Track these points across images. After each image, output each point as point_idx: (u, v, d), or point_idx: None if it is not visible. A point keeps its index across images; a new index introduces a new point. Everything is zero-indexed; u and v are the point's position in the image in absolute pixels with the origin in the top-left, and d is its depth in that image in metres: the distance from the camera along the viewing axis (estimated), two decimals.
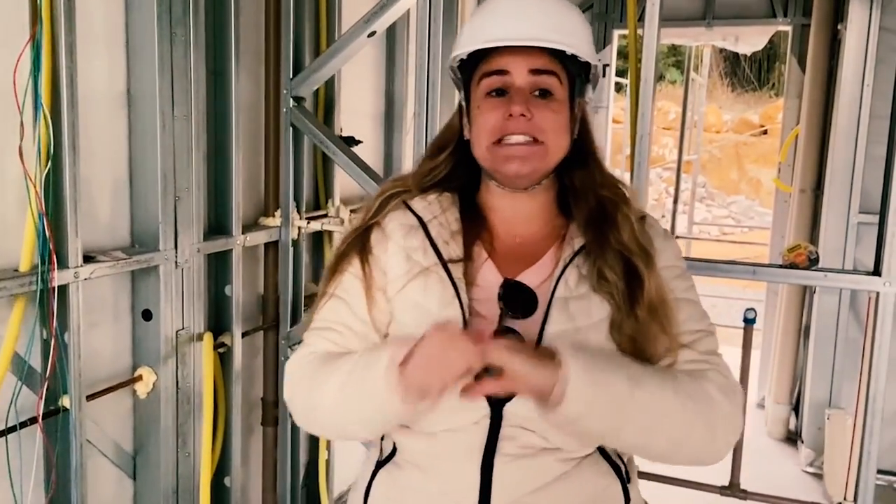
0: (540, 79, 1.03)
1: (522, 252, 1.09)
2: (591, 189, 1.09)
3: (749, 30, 4.85)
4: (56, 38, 1.66)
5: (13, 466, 1.65)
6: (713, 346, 1.07)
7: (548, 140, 1.03)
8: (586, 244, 1.06)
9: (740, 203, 14.49)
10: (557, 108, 1.04)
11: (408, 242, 1.08)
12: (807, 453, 3.89)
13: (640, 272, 1.03)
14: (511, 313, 0.98)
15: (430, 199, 1.13)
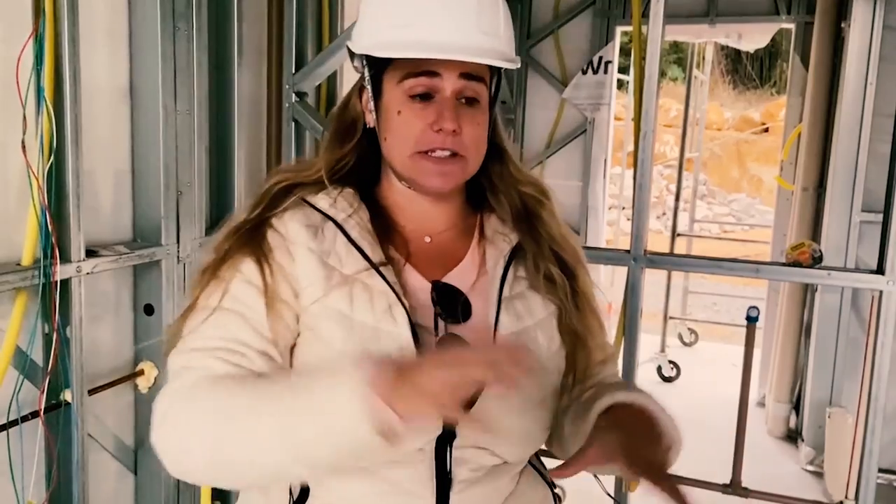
0: (469, 84, 0.93)
1: (437, 253, 0.99)
2: (512, 185, 1.03)
3: (752, 27, 4.84)
4: (59, 32, 1.65)
5: (14, 460, 1.65)
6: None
7: (469, 155, 0.94)
8: (521, 242, 1.01)
9: (741, 201, 14.48)
10: (481, 118, 0.95)
11: (319, 245, 0.92)
12: (807, 452, 3.89)
13: (572, 267, 1.01)
14: (451, 318, 0.91)
15: (333, 195, 0.97)
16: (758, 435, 4.21)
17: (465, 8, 0.90)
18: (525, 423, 0.95)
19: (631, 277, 2.22)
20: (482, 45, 0.90)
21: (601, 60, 4.80)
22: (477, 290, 0.96)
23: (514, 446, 0.94)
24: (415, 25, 0.90)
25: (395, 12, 0.92)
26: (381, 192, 1.03)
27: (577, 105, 4.94)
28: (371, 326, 0.87)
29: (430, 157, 0.93)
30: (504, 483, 0.94)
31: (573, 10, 4.93)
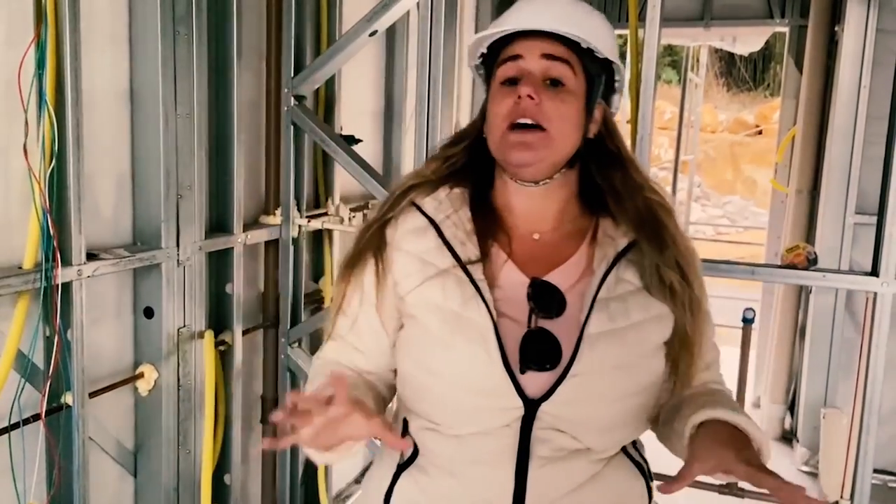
0: (552, 65, 1.01)
1: (544, 251, 1.06)
2: (638, 192, 1.07)
3: (746, 30, 4.87)
4: (60, 36, 1.66)
5: (16, 463, 1.66)
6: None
7: (552, 128, 1.00)
8: (638, 243, 1.05)
9: (735, 203, 14.53)
10: (567, 98, 1.01)
11: (419, 245, 1.05)
12: (802, 452, 3.92)
13: (690, 277, 1.04)
14: (542, 313, 0.98)
15: (441, 196, 1.09)
16: None
17: (546, 5, 1.02)
18: (608, 414, 1.00)
19: None
20: (556, 26, 1.00)
21: None
22: (577, 290, 1.03)
23: (597, 434, 1.00)
24: (502, 22, 1.04)
25: (500, 17, 1.07)
26: (494, 193, 1.11)
27: None
28: (458, 314, 0.99)
29: (515, 130, 1.00)
30: (584, 466, 0.99)
31: None
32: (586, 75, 1.04)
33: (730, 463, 0.88)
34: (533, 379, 0.97)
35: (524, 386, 0.96)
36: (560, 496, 0.98)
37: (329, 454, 0.95)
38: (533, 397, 0.96)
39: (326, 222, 2.67)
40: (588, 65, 1.04)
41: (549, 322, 0.99)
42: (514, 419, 0.97)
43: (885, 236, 2.04)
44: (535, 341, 0.98)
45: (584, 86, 1.04)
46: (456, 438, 1.00)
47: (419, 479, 1.04)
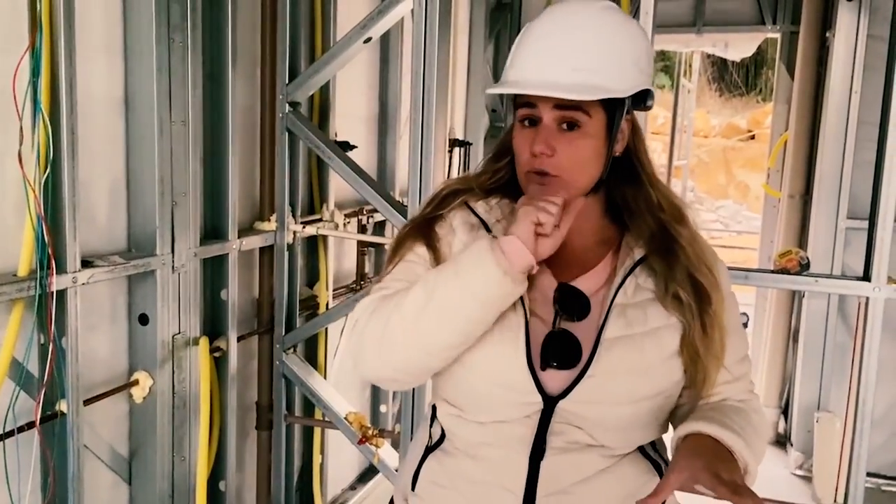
0: (566, 113, 1.04)
1: (575, 259, 1.11)
2: (649, 210, 1.12)
3: (738, 36, 4.90)
4: (55, 44, 1.66)
5: (11, 470, 1.65)
6: (751, 372, 1.17)
7: (565, 175, 1.05)
8: (648, 257, 1.10)
9: (728, 207, 14.58)
10: (580, 142, 1.05)
11: (471, 240, 1.09)
12: (796, 456, 3.93)
13: (707, 293, 1.07)
14: (565, 315, 1.04)
15: (493, 203, 1.15)
16: None
17: (551, 49, 1.04)
18: (622, 415, 1.05)
19: None
20: (559, 81, 1.02)
21: None
22: (599, 296, 1.08)
23: (611, 433, 1.05)
24: (514, 66, 1.08)
25: (511, 54, 1.10)
26: None
27: None
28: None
29: (533, 175, 1.07)
30: (596, 460, 1.05)
31: None
32: (606, 109, 1.06)
33: (699, 474, 0.91)
34: (553, 377, 1.04)
35: (544, 383, 1.03)
36: (570, 485, 1.04)
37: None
38: (551, 394, 1.03)
39: (321, 228, 2.67)
40: (606, 100, 1.05)
41: (573, 325, 1.04)
42: (534, 412, 1.04)
43: (877, 241, 2.05)
44: (557, 342, 1.04)
45: (604, 119, 1.06)
46: (479, 425, 1.07)
47: (443, 460, 1.12)
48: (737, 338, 1.13)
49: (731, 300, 1.14)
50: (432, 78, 2.24)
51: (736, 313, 1.15)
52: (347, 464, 3.31)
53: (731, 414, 1.06)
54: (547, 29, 1.06)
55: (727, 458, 0.97)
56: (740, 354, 1.14)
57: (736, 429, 1.01)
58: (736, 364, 1.13)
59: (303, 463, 2.91)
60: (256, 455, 2.71)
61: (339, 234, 2.76)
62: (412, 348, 1.02)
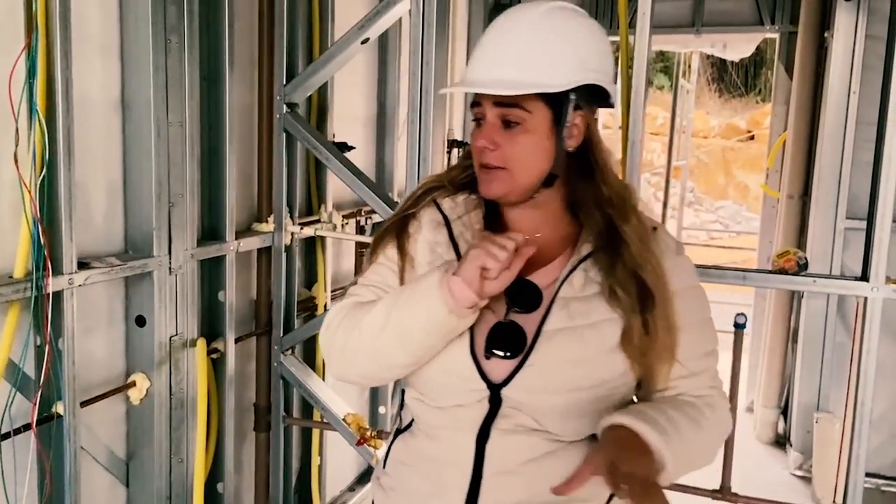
0: (505, 111, 1.10)
1: (535, 254, 1.11)
2: (597, 206, 1.14)
3: (737, 37, 4.90)
4: (51, 45, 1.66)
5: (7, 473, 1.65)
6: (716, 368, 1.18)
7: (511, 166, 1.11)
8: (594, 254, 1.13)
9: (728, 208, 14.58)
10: (521, 138, 1.10)
11: (434, 237, 1.18)
12: (795, 457, 3.93)
13: (650, 292, 1.09)
14: (515, 308, 1.09)
15: (459, 199, 1.21)
16: (746, 440, 4.24)
17: (491, 49, 1.11)
18: (563, 403, 1.09)
19: None
20: (496, 77, 1.08)
21: None
22: (551, 289, 1.12)
23: (554, 420, 1.10)
24: (468, 67, 1.14)
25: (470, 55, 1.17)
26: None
27: None
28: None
29: (482, 169, 1.14)
30: (541, 444, 1.10)
31: None
32: (549, 103, 1.09)
33: (599, 468, 0.96)
34: (497, 365, 1.09)
35: (488, 371, 1.09)
36: (516, 465, 1.10)
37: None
38: (495, 382, 1.09)
39: (319, 229, 2.67)
40: (546, 94, 1.08)
41: (523, 316, 1.09)
42: (484, 398, 1.10)
43: (875, 241, 2.05)
44: (502, 332, 1.09)
45: (549, 113, 1.10)
46: (439, 409, 1.14)
47: (409, 441, 1.21)
48: (697, 333, 1.15)
49: (692, 295, 1.16)
50: (430, 79, 2.24)
51: (699, 308, 1.17)
52: (346, 465, 3.30)
53: (670, 408, 1.09)
54: (492, 31, 1.13)
55: (642, 452, 0.99)
56: (701, 350, 1.16)
57: (662, 423, 1.03)
58: (695, 359, 1.15)
59: (301, 464, 2.91)
60: (255, 457, 2.71)
61: (337, 235, 2.75)
62: (370, 364, 1.14)
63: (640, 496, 0.93)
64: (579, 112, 1.11)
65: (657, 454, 1.00)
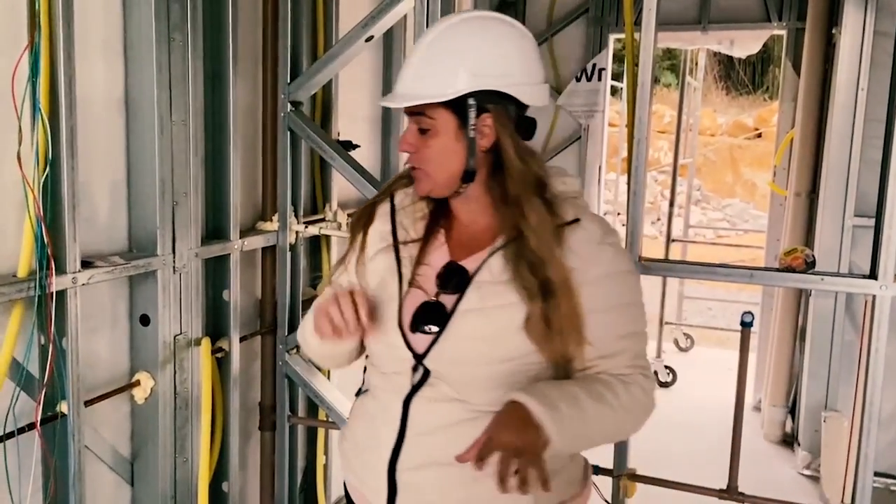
0: (417, 119, 1.25)
1: (471, 242, 1.30)
2: (503, 200, 1.25)
3: (744, 34, 4.87)
4: (54, 43, 1.66)
5: (11, 472, 1.65)
6: (640, 349, 1.27)
7: (427, 167, 1.26)
8: (507, 245, 1.25)
9: (735, 206, 14.51)
10: (432, 140, 1.24)
11: (382, 226, 1.36)
12: (803, 456, 3.90)
13: (550, 282, 1.19)
14: (442, 289, 1.25)
15: (411, 191, 1.35)
16: (754, 439, 4.22)
17: (411, 61, 1.26)
18: (476, 375, 1.23)
19: None
20: (400, 92, 1.25)
21: (595, 68, 4.82)
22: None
23: (470, 389, 1.23)
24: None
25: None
26: None
27: (571, 112, 4.96)
28: (385, 282, 1.32)
29: (411, 170, 1.31)
30: (459, 411, 1.23)
31: (566, 19, 4.96)
32: (452, 109, 1.22)
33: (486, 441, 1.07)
34: (420, 339, 1.25)
35: (413, 343, 1.26)
36: (434, 428, 1.24)
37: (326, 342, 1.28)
38: (418, 353, 1.25)
39: (324, 228, 2.66)
40: (450, 103, 1.21)
41: (450, 297, 1.25)
42: (410, 366, 1.26)
43: (884, 239, 2.03)
44: (427, 310, 1.25)
45: (453, 118, 1.22)
46: (382, 374, 1.33)
47: (363, 399, 1.40)
48: (616, 316, 1.24)
49: (615, 281, 1.24)
50: None
51: (620, 294, 1.25)
52: None
53: (576, 385, 1.18)
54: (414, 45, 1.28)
55: (527, 425, 1.08)
56: (620, 332, 1.24)
57: (553, 398, 1.12)
58: (613, 341, 1.23)
59: (306, 464, 2.90)
60: (260, 456, 2.71)
61: (341, 233, 2.75)
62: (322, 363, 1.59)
63: (504, 466, 1.03)
64: (486, 114, 1.22)
65: (544, 428, 1.08)
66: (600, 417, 1.17)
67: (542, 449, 1.08)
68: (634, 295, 1.28)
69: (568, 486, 1.32)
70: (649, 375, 1.26)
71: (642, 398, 1.23)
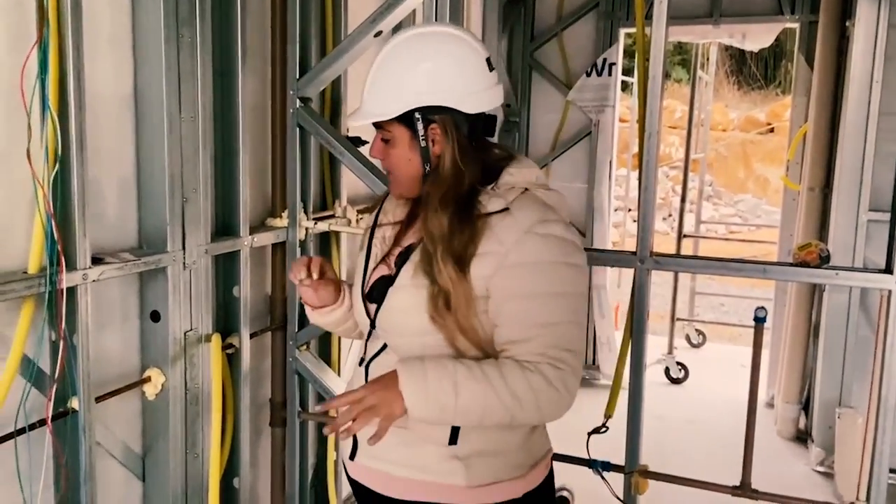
0: (380, 131, 1.41)
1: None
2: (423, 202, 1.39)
3: (756, 27, 4.81)
4: (63, 39, 1.66)
5: (23, 468, 1.65)
6: (556, 340, 1.29)
7: (393, 172, 1.43)
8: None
9: (747, 201, 14.41)
10: (392, 150, 1.39)
11: (373, 210, 1.58)
12: (817, 453, 3.87)
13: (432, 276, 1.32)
14: (396, 267, 1.40)
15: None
16: (767, 436, 4.19)
17: (367, 82, 1.42)
18: (407, 343, 1.37)
19: (637, 279, 2.22)
20: (363, 109, 1.41)
21: (605, 62, 4.79)
22: None
23: (397, 350, 1.39)
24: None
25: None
26: None
27: (581, 107, 4.93)
28: (360, 257, 1.53)
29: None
30: (392, 358, 1.37)
31: (576, 13, 4.93)
32: (403, 123, 1.36)
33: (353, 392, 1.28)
34: (374, 308, 1.43)
35: (370, 311, 1.44)
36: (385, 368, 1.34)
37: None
38: (371, 320, 1.44)
39: (333, 224, 2.66)
40: (404, 118, 1.35)
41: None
42: (368, 331, 1.47)
43: None
44: (381, 284, 1.41)
45: (406, 131, 1.37)
46: (362, 334, 1.53)
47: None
48: (531, 304, 1.29)
49: (535, 270, 1.30)
50: None
51: (539, 283, 1.30)
52: None
53: (462, 365, 1.27)
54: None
55: (391, 391, 1.24)
56: (536, 320, 1.29)
57: (426, 373, 1.25)
58: (526, 327, 1.29)
59: (317, 460, 2.90)
60: (270, 452, 2.71)
61: (351, 229, 2.74)
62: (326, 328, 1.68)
63: (345, 416, 1.22)
64: (433, 125, 1.35)
65: (404, 398, 1.23)
66: (476, 397, 1.25)
67: (398, 414, 1.24)
68: (560, 286, 1.32)
69: (509, 468, 1.40)
70: (562, 367, 1.28)
71: (542, 387, 1.26)
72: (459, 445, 1.36)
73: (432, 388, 1.24)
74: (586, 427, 2.34)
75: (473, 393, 1.25)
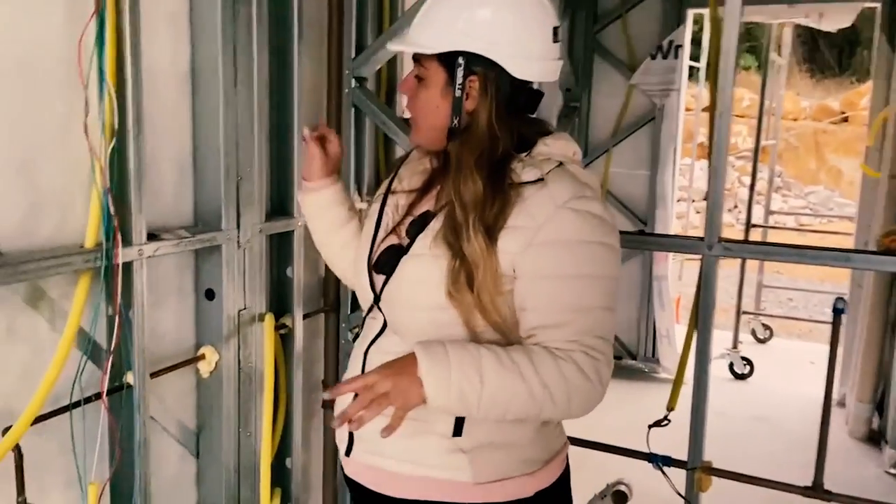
0: (416, 66, 1.30)
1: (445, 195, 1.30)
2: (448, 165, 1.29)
3: (835, 6, 4.57)
4: (120, 13, 1.65)
5: (77, 441, 1.66)
6: (590, 326, 1.19)
7: (416, 117, 1.33)
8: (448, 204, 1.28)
9: (819, 193, 13.85)
10: (423, 91, 1.30)
11: (388, 176, 1.49)
12: (891, 454, 3.69)
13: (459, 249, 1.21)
14: (409, 236, 1.30)
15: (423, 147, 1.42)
16: (838, 436, 3.99)
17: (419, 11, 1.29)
18: (413, 318, 1.28)
19: (704, 267, 2.10)
20: (407, 38, 1.29)
21: (671, 45, 4.62)
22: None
23: (409, 333, 1.28)
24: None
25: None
26: None
27: (645, 91, 4.78)
28: (368, 225, 1.43)
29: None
30: (399, 344, 1.28)
31: None
32: (443, 64, 1.26)
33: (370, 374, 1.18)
34: (379, 279, 1.33)
35: (375, 282, 1.34)
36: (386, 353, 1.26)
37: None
38: (377, 293, 1.34)
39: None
40: (444, 57, 1.25)
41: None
42: (371, 307, 1.37)
43: None
44: (388, 254, 1.31)
45: (443, 74, 1.26)
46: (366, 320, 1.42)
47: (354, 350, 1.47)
48: (565, 285, 1.19)
49: (569, 250, 1.19)
50: None
51: (575, 263, 1.19)
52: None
53: (485, 350, 1.16)
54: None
55: (407, 377, 1.13)
56: (568, 303, 1.19)
57: (449, 358, 1.13)
58: (557, 311, 1.19)
59: None
60: (323, 434, 2.70)
61: None
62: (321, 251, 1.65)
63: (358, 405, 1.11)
64: (473, 77, 1.24)
65: (424, 386, 1.12)
66: (504, 387, 1.14)
67: (414, 403, 1.13)
68: (596, 268, 1.21)
69: (519, 464, 1.29)
70: (597, 356, 1.17)
71: (575, 378, 1.15)
72: (465, 437, 1.24)
73: (455, 376, 1.12)
74: (645, 421, 2.25)
75: (501, 382, 1.14)
